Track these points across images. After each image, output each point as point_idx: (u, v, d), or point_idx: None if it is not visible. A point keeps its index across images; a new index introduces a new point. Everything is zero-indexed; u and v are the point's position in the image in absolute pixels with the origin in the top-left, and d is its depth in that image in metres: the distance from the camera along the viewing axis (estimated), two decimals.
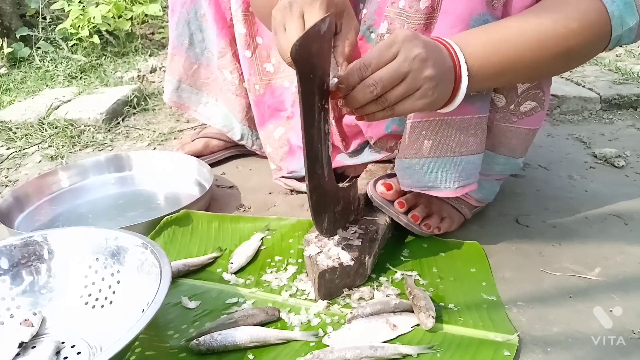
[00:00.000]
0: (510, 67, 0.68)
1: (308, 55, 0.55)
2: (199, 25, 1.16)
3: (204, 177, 1.10)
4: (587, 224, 0.96)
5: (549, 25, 0.65)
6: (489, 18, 0.69)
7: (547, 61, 0.69)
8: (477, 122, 0.76)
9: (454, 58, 0.63)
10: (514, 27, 0.66)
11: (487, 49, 0.66)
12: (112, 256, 0.71)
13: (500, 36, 0.66)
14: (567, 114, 1.54)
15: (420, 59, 0.58)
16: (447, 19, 0.70)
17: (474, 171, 0.79)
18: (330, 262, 0.73)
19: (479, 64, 0.65)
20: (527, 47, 0.66)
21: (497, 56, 0.66)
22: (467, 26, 0.69)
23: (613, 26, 0.65)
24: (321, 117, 0.62)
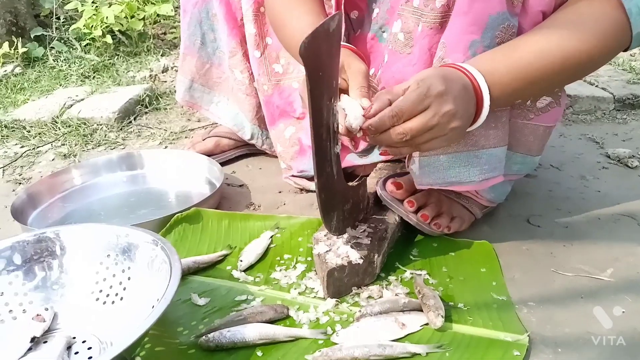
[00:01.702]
0: (531, 88, 0.70)
1: (317, 53, 0.55)
2: (210, 25, 1.17)
3: (215, 176, 1.10)
4: (599, 225, 0.95)
5: (571, 44, 0.65)
6: (508, 16, 0.69)
7: (569, 77, 0.72)
8: (496, 116, 0.75)
9: (477, 90, 0.65)
10: (536, 49, 0.66)
11: (511, 75, 0.67)
12: (123, 253, 0.71)
13: (523, 62, 0.66)
14: (580, 113, 1.52)
15: (450, 114, 0.61)
16: (464, 18, 0.70)
17: (497, 164, 0.79)
18: (339, 261, 0.73)
19: (501, 91, 0.67)
20: (550, 69, 0.67)
21: (519, 82, 0.67)
22: (485, 25, 0.69)
23: (633, 23, 0.65)
24: (330, 115, 0.62)
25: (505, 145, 0.78)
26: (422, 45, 0.76)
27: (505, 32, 0.69)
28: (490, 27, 0.69)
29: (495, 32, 0.69)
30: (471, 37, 0.69)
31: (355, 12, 0.92)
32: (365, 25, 0.91)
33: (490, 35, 0.69)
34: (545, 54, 0.66)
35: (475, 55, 0.69)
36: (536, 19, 0.71)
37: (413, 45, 0.79)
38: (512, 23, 0.69)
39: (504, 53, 0.68)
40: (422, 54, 0.77)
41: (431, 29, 0.74)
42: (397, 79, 0.82)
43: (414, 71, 0.79)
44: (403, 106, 0.60)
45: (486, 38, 0.69)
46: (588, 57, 0.67)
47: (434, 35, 0.75)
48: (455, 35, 0.71)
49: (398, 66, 0.82)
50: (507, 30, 0.69)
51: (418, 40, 0.77)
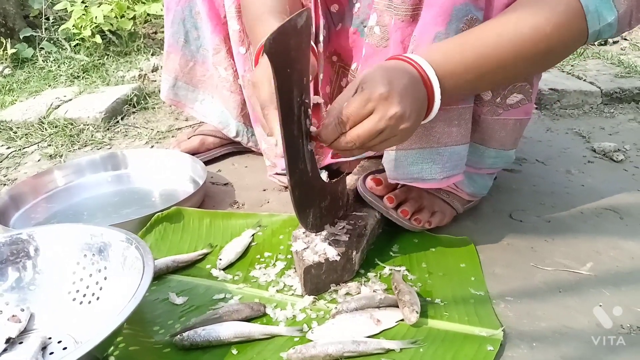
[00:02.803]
0: (487, 79, 0.69)
1: (284, 49, 0.55)
2: (194, 23, 1.17)
3: (198, 174, 1.10)
4: (582, 219, 0.95)
5: (526, 32, 0.64)
6: (472, 9, 0.68)
7: (525, 67, 0.70)
8: (460, 113, 0.75)
9: (427, 83, 0.63)
10: (490, 39, 0.65)
11: (465, 65, 0.65)
12: (99, 252, 0.71)
13: (477, 51, 0.65)
14: (568, 108, 1.52)
15: (397, 117, 0.59)
16: (431, 10, 0.70)
17: (459, 162, 0.79)
18: (316, 258, 0.73)
19: (454, 81, 0.66)
20: (504, 58, 0.66)
21: (474, 72, 0.66)
22: (449, 16, 0.68)
23: (589, 21, 0.64)
24: (301, 112, 0.61)
25: (467, 143, 0.78)
26: (395, 38, 0.76)
27: (469, 24, 0.69)
28: (454, 19, 0.68)
29: (459, 24, 0.69)
30: (436, 28, 0.69)
31: (335, 5, 0.92)
32: (346, 20, 0.91)
33: (454, 28, 0.69)
34: (500, 43, 0.65)
35: None
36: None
37: (388, 39, 0.79)
38: (476, 16, 0.69)
39: (458, 42, 0.67)
40: (396, 47, 0.77)
41: (403, 22, 0.75)
42: None
43: None
44: (346, 113, 0.60)
45: (451, 30, 0.69)
46: (544, 46, 0.65)
47: (405, 27, 0.75)
48: (423, 28, 0.71)
49: (375, 59, 0.82)
50: (471, 22, 0.69)
51: (391, 34, 0.77)
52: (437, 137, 0.75)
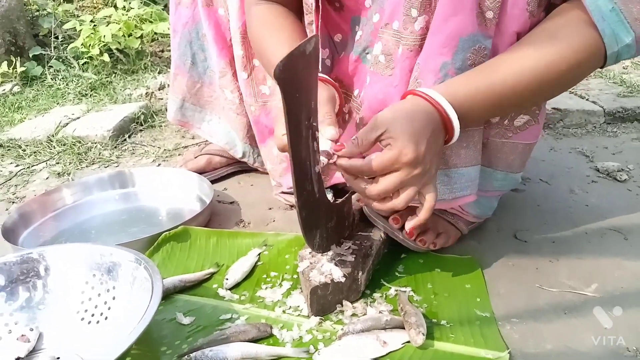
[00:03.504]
0: (504, 111, 0.74)
1: (293, 75, 0.56)
2: (200, 45, 1.19)
3: (205, 193, 1.11)
4: (586, 239, 0.95)
5: (543, 71, 0.66)
6: (480, 38, 0.70)
7: (543, 97, 0.73)
8: (468, 135, 0.76)
9: (447, 121, 0.66)
10: (509, 73, 0.67)
11: (484, 102, 0.68)
12: (107, 272, 0.72)
13: (497, 88, 0.67)
14: (571, 127, 1.53)
15: (422, 173, 0.64)
16: (437, 39, 0.71)
17: (469, 183, 0.79)
18: (322, 278, 0.73)
19: (473, 117, 0.69)
20: (523, 92, 0.68)
21: (492, 107, 0.70)
22: (455, 47, 0.70)
23: (607, 44, 0.65)
24: (309, 134, 0.63)
25: (477, 165, 0.79)
26: (403, 67, 0.77)
27: (476, 54, 0.70)
28: (461, 49, 0.70)
29: (466, 54, 0.70)
30: (442, 58, 0.70)
31: (338, 35, 0.93)
32: (348, 48, 0.92)
33: (461, 57, 0.70)
34: (519, 78, 0.67)
35: (446, 76, 0.70)
36: (511, 40, 0.71)
37: (394, 67, 0.80)
38: (484, 45, 0.70)
39: (477, 79, 0.68)
40: (403, 76, 0.78)
41: (411, 52, 0.76)
42: (380, 100, 0.83)
43: (396, 92, 0.80)
44: (374, 167, 0.64)
45: (457, 60, 0.70)
46: (561, 80, 0.68)
47: (414, 57, 0.76)
48: (428, 56, 0.72)
49: (380, 86, 0.83)
50: (479, 52, 0.70)
51: (399, 63, 0.78)
52: (446, 159, 0.76)
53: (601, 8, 0.64)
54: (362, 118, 0.85)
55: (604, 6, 0.64)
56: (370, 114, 0.85)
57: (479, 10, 0.69)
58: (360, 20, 0.88)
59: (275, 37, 0.84)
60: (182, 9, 1.17)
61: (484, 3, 0.69)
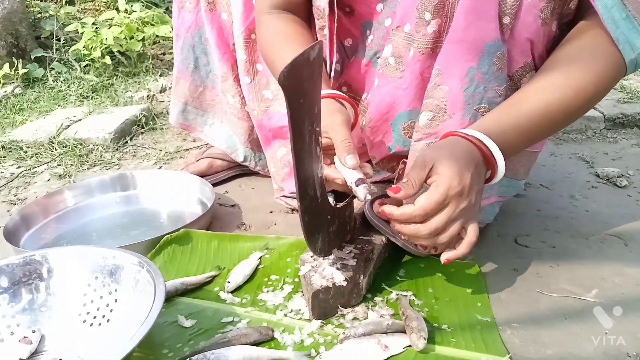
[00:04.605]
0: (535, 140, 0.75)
1: (297, 81, 0.56)
2: (203, 49, 1.19)
3: (206, 196, 1.11)
4: (587, 245, 0.96)
5: (571, 96, 0.68)
6: (500, 44, 0.71)
7: (568, 122, 0.74)
8: None
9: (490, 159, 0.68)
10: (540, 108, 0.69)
11: (517, 137, 0.70)
12: (110, 275, 0.72)
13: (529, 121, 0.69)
14: (571, 132, 1.54)
15: (469, 208, 0.66)
16: (460, 45, 0.71)
17: (491, 187, 0.80)
18: (324, 282, 0.74)
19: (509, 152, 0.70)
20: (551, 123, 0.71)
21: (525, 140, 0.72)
22: (481, 52, 0.71)
23: (622, 51, 0.66)
24: (312, 139, 0.63)
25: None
26: (413, 69, 0.78)
27: (500, 59, 0.71)
28: (487, 54, 0.70)
29: (492, 58, 0.71)
30: (468, 64, 0.71)
31: (349, 39, 0.94)
32: (359, 52, 0.93)
33: (487, 62, 0.71)
34: (549, 110, 0.68)
35: (472, 81, 0.71)
36: (524, 47, 0.72)
37: (404, 70, 0.80)
38: (504, 49, 0.71)
39: (507, 114, 0.70)
40: (414, 79, 0.79)
41: (423, 54, 0.76)
42: (387, 102, 0.83)
43: (405, 95, 0.80)
44: (427, 209, 0.65)
45: (483, 65, 0.71)
46: (588, 102, 0.70)
47: (425, 60, 0.77)
48: (451, 62, 0.72)
49: (388, 89, 0.83)
50: (502, 57, 0.71)
51: (409, 65, 0.78)
52: None
53: (614, 16, 0.65)
54: (370, 120, 0.86)
55: (617, 14, 0.64)
56: (377, 117, 0.85)
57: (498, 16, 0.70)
58: (372, 25, 0.88)
59: (287, 47, 0.84)
60: (185, 13, 1.18)
61: (502, 8, 0.69)
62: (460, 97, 0.74)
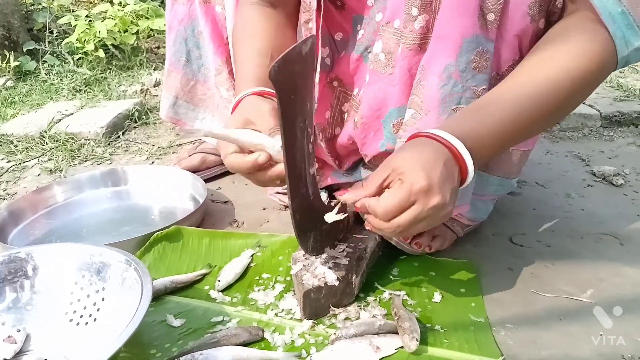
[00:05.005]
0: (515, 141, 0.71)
1: (289, 76, 0.55)
2: (196, 43, 1.17)
3: (199, 192, 1.10)
4: (583, 244, 0.95)
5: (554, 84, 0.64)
6: (482, 40, 0.69)
7: (552, 121, 0.71)
8: None
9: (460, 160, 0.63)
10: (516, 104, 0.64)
11: (494, 138, 0.65)
12: (97, 273, 0.71)
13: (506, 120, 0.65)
14: (567, 130, 1.53)
15: (439, 206, 0.60)
16: (441, 41, 0.70)
17: (465, 191, 0.78)
18: (315, 282, 0.72)
19: (484, 154, 0.66)
20: (536, 118, 0.65)
21: (503, 141, 0.67)
22: (459, 48, 0.69)
23: (617, 47, 0.64)
24: (304, 136, 0.62)
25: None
26: (402, 66, 0.77)
27: (480, 56, 0.69)
28: (465, 51, 0.69)
29: (470, 55, 0.69)
30: (446, 60, 0.70)
31: (339, 33, 0.92)
32: (349, 46, 0.91)
33: (465, 60, 0.69)
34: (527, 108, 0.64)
35: (450, 79, 0.69)
36: (513, 44, 0.71)
37: (394, 66, 0.79)
38: (486, 48, 0.69)
39: (485, 112, 0.66)
40: (402, 75, 0.77)
41: (410, 50, 0.75)
42: (379, 98, 0.82)
43: (395, 91, 0.79)
44: (388, 209, 0.60)
45: (461, 62, 0.69)
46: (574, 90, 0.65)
47: (413, 56, 0.75)
48: (432, 58, 0.71)
49: (379, 85, 0.82)
50: (482, 54, 0.69)
51: (398, 61, 0.77)
52: None
53: (610, 11, 0.63)
54: (362, 117, 0.84)
55: (612, 9, 0.63)
56: (369, 113, 0.84)
57: (481, 12, 0.68)
58: (363, 19, 0.87)
59: (248, 45, 0.83)
60: (179, 5, 1.16)
61: (486, 5, 0.68)
62: (437, 95, 0.71)
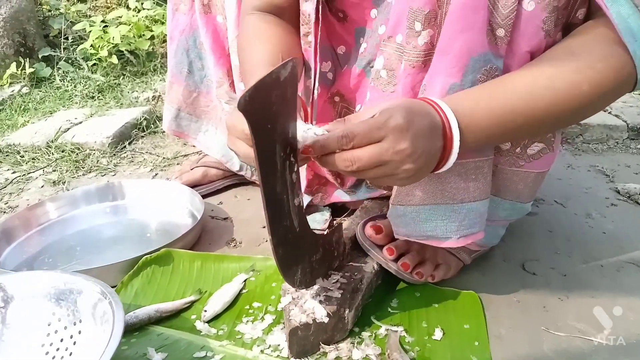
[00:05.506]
0: (509, 135, 0.65)
1: (264, 105, 0.50)
2: (198, 53, 1.14)
3: (197, 208, 1.06)
4: (601, 273, 0.88)
5: (561, 88, 0.58)
6: (491, 58, 0.62)
7: (555, 125, 0.64)
8: (477, 166, 0.69)
9: (447, 131, 0.57)
10: (521, 94, 0.59)
11: (491, 120, 0.60)
12: (74, 303, 0.67)
13: (506, 107, 0.59)
14: (591, 142, 1.44)
15: (405, 154, 0.54)
16: (444, 59, 0.64)
17: (478, 219, 0.72)
18: (303, 318, 0.67)
19: (476, 135, 0.60)
20: (533, 116, 0.60)
21: (499, 127, 0.60)
22: (465, 67, 0.62)
23: (638, 66, 0.57)
24: (285, 166, 0.57)
25: (487, 199, 0.72)
26: (404, 84, 0.71)
27: (488, 75, 0.63)
28: (471, 70, 0.63)
29: (477, 75, 0.63)
30: (450, 80, 0.64)
31: (342, 47, 0.87)
32: (352, 60, 0.87)
33: (471, 79, 0.63)
34: (531, 99, 0.59)
35: None
36: (524, 60, 0.64)
37: (396, 84, 0.74)
38: (496, 65, 0.63)
39: (487, 94, 0.61)
40: (406, 93, 0.71)
41: (413, 68, 0.69)
42: None
43: None
44: (355, 130, 0.54)
45: (467, 82, 0.63)
46: (579, 104, 0.59)
47: (416, 74, 0.69)
48: (434, 77, 0.65)
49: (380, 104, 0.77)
50: (490, 73, 0.63)
51: (401, 79, 0.71)
52: (453, 193, 0.69)
53: (632, 27, 0.56)
54: None
55: (635, 25, 0.56)
56: None
57: (489, 27, 0.62)
58: (365, 32, 0.82)
59: (256, 50, 0.78)
60: (180, 15, 1.13)
61: (495, 20, 0.61)
62: None
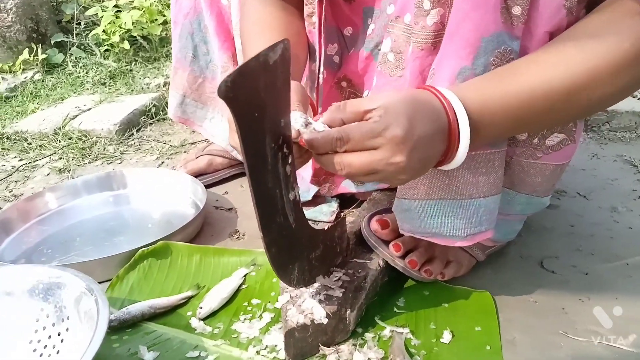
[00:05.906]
0: (524, 127, 0.61)
1: (250, 92, 0.45)
2: (202, 37, 1.09)
3: (199, 198, 1.03)
4: (626, 273, 0.81)
5: (583, 72, 0.52)
6: (505, 39, 0.56)
7: (583, 108, 0.57)
8: (488, 159, 0.63)
9: (454, 132, 0.52)
10: (537, 84, 0.53)
11: (504, 114, 0.54)
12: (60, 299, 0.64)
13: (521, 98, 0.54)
14: (618, 130, 1.36)
15: (400, 167, 0.50)
16: (453, 41, 0.58)
17: (487, 216, 0.66)
18: (300, 319, 0.63)
19: (488, 133, 0.55)
20: (551, 108, 0.54)
21: (513, 121, 0.56)
22: (477, 49, 0.57)
23: None
24: (277, 158, 0.52)
25: (497, 194, 0.66)
26: (413, 68, 0.65)
27: (501, 58, 0.57)
28: (483, 52, 0.57)
29: (489, 57, 0.57)
30: (461, 63, 0.58)
31: (349, 28, 0.82)
32: (359, 43, 0.81)
33: (483, 62, 0.57)
34: (550, 88, 0.53)
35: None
36: (543, 41, 0.58)
37: (404, 68, 0.68)
38: (511, 47, 0.57)
39: (500, 83, 0.55)
40: (414, 79, 0.66)
41: (422, 50, 0.63)
42: None
43: None
44: (351, 133, 0.50)
45: (478, 65, 0.57)
46: (608, 85, 0.53)
47: (425, 57, 0.64)
48: (444, 60, 0.60)
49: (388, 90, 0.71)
50: (504, 55, 0.57)
51: (409, 63, 0.66)
52: (461, 188, 0.64)
53: None
54: None
55: None
56: None
57: (504, 5, 0.56)
58: (374, 12, 0.77)
59: (258, 42, 0.73)
60: None
61: None
62: None
